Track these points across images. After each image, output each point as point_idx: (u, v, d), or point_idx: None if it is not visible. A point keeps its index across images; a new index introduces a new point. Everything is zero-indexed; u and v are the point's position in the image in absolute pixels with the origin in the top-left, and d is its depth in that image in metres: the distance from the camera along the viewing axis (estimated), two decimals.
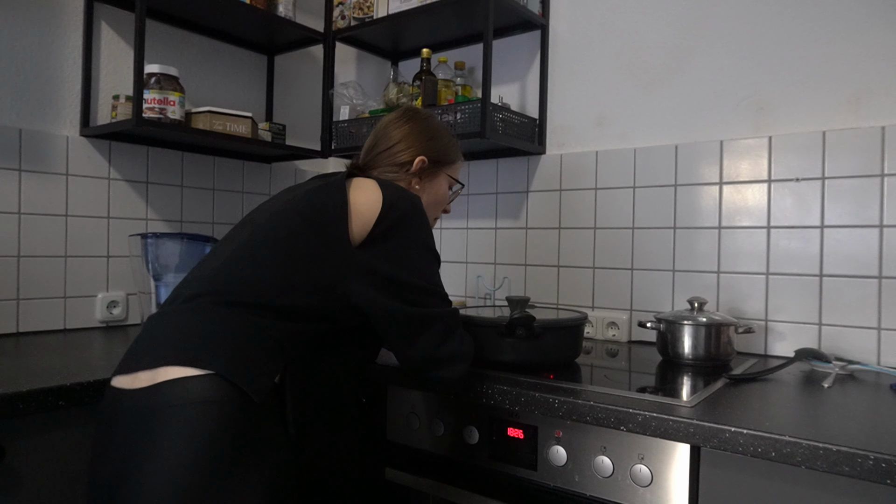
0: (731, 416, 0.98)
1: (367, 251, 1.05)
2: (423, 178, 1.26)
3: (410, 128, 1.25)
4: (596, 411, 1.06)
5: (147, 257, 1.52)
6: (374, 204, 1.06)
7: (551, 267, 1.95)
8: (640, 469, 1.04)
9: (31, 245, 1.66)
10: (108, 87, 1.82)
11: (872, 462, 0.82)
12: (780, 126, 1.58)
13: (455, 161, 1.32)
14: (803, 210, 1.54)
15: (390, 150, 1.24)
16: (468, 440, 1.25)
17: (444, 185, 1.31)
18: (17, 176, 1.63)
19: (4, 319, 1.61)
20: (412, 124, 1.26)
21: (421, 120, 1.28)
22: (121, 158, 1.84)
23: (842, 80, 1.51)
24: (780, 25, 1.59)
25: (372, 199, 1.07)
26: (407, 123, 1.26)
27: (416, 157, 1.23)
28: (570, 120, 1.93)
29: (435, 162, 1.26)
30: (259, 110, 2.23)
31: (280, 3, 1.98)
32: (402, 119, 1.27)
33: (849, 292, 1.48)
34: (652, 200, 1.76)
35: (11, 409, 1.01)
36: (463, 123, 1.78)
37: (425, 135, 1.26)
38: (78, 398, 1.09)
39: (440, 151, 1.27)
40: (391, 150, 1.24)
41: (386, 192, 1.09)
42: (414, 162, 1.23)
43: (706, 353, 1.41)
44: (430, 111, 1.30)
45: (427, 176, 1.26)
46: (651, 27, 1.79)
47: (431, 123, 1.29)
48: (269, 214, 1.09)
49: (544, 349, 1.33)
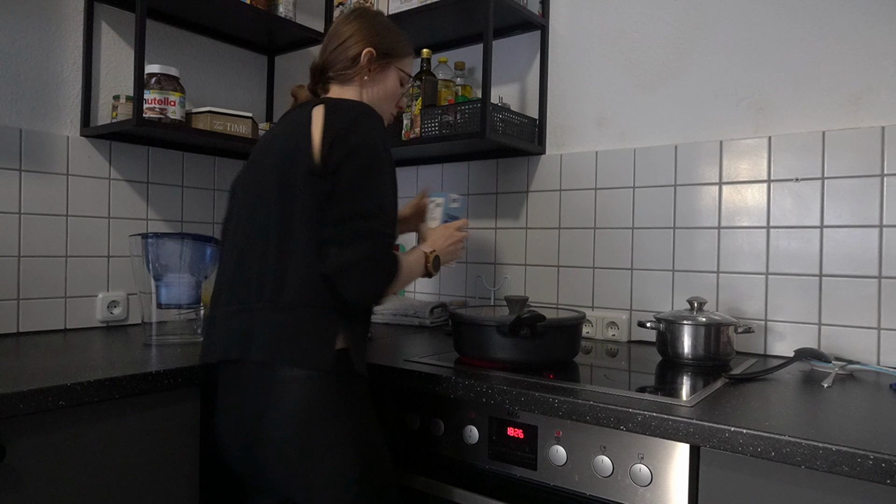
0: (731, 416, 0.98)
1: (325, 182, 1.09)
2: (372, 71, 1.28)
3: (360, 23, 1.29)
4: (596, 411, 1.06)
5: (147, 257, 1.52)
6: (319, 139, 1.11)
7: (551, 267, 1.95)
8: (639, 469, 1.04)
9: (32, 245, 1.66)
10: (108, 87, 1.82)
11: (872, 462, 0.82)
12: (779, 126, 1.59)
13: (404, 55, 1.34)
14: (803, 210, 1.54)
15: (341, 45, 1.27)
16: (468, 440, 1.25)
17: (394, 79, 1.33)
18: (17, 176, 1.63)
19: (5, 319, 1.61)
20: (361, 20, 1.30)
21: (370, 16, 1.31)
22: (121, 158, 1.84)
23: (842, 80, 1.51)
24: (780, 25, 1.59)
25: (318, 135, 1.11)
26: (357, 20, 1.30)
27: (364, 49, 1.26)
28: (570, 120, 1.93)
29: (384, 54, 1.28)
30: (259, 110, 2.23)
31: (280, 3, 1.98)
32: (351, 16, 1.31)
33: (848, 292, 1.48)
34: (652, 200, 1.76)
35: (11, 409, 1.01)
36: (463, 123, 1.78)
37: (373, 29, 1.29)
38: (78, 398, 1.09)
39: (388, 44, 1.30)
40: (342, 45, 1.27)
41: (329, 117, 1.12)
42: (362, 54, 1.26)
43: (706, 352, 1.41)
44: (379, 10, 1.35)
45: (376, 69, 1.29)
46: (651, 27, 1.79)
47: (380, 19, 1.33)
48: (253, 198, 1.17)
49: (543, 348, 1.33)
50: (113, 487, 1.16)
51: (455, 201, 1.50)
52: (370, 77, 1.28)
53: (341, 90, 1.29)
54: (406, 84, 1.37)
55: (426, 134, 1.86)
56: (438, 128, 1.84)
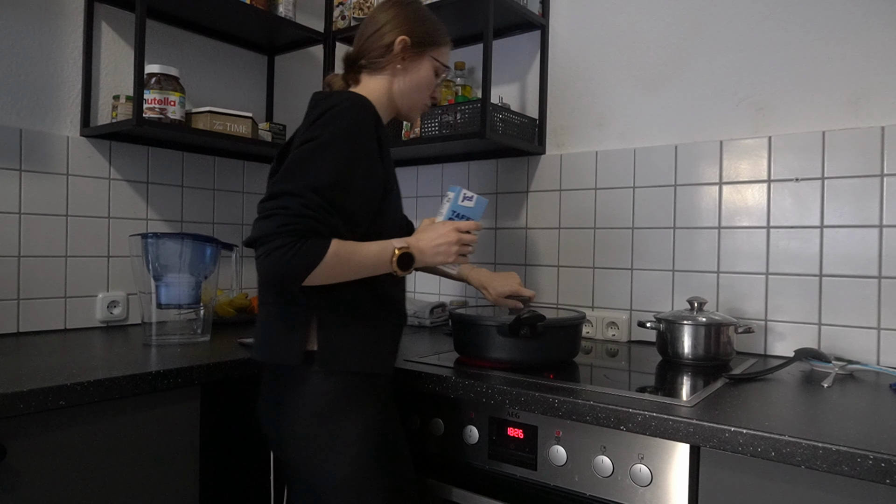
0: (731, 416, 0.98)
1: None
2: (405, 59, 1.26)
3: (397, 10, 1.27)
4: (596, 411, 1.06)
5: (147, 257, 1.52)
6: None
7: (551, 267, 1.95)
8: (639, 469, 1.04)
9: (32, 245, 1.66)
10: (108, 87, 1.82)
11: (872, 462, 0.82)
12: (779, 126, 1.59)
13: (440, 44, 1.31)
14: (803, 210, 1.54)
15: (376, 33, 1.25)
16: (468, 440, 1.25)
17: (429, 69, 1.29)
18: (17, 176, 1.63)
19: (5, 319, 1.61)
20: (398, 7, 1.27)
21: (407, 4, 1.29)
22: (121, 158, 1.84)
23: (842, 80, 1.51)
24: (780, 25, 1.59)
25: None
26: (393, 7, 1.27)
27: (399, 37, 1.24)
28: (570, 120, 1.93)
29: (418, 43, 1.25)
30: (259, 110, 2.23)
31: (280, 4, 1.98)
32: (388, 3, 1.29)
33: (848, 292, 1.48)
34: (652, 200, 1.76)
35: (11, 409, 1.01)
36: (463, 123, 1.78)
37: (410, 17, 1.26)
38: (78, 398, 1.09)
39: (424, 33, 1.27)
40: (377, 33, 1.25)
41: (313, 107, 1.13)
42: (395, 42, 1.23)
43: (706, 352, 1.41)
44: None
45: (410, 57, 1.26)
46: (651, 27, 1.79)
47: (417, 7, 1.30)
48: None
49: (543, 348, 1.33)
50: (113, 487, 1.16)
51: (468, 199, 1.30)
52: (403, 66, 1.25)
53: (371, 79, 1.25)
54: (442, 74, 1.33)
55: (426, 134, 1.87)
56: (438, 128, 1.84)
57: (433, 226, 1.23)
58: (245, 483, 1.40)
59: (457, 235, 1.20)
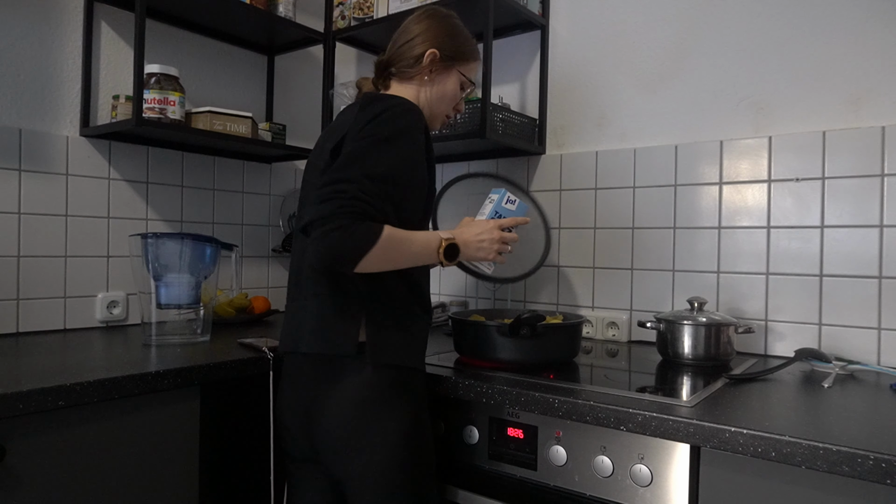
0: (731, 416, 0.98)
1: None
2: (434, 72, 1.28)
3: (429, 23, 1.29)
4: (596, 411, 1.06)
5: (147, 257, 1.52)
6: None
7: (551, 267, 1.95)
8: (639, 469, 1.04)
9: (31, 245, 1.66)
10: (108, 87, 1.82)
11: (872, 462, 0.82)
12: (780, 126, 1.58)
13: (469, 60, 1.33)
14: (803, 210, 1.54)
15: (408, 43, 1.28)
16: (468, 440, 1.25)
17: (454, 82, 1.31)
18: (17, 176, 1.63)
19: (4, 319, 1.61)
20: (431, 20, 1.30)
21: (441, 17, 1.31)
22: (121, 158, 1.84)
23: (842, 80, 1.51)
24: (779, 25, 1.59)
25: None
26: (427, 19, 1.30)
27: (428, 49, 1.26)
28: (570, 120, 1.93)
29: (447, 57, 1.28)
30: (259, 110, 2.23)
31: (280, 3, 1.98)
32: (422, 15, 1.31)
33: (849, 292, 1.47)
34: (652, 200, 1.76)
35: (11, 409, 1.01)
36: (463, 123, 1.78)
37: (442, 31, 1.29)
38: (77, 398, 1.09)
39: (454, 47, 1.29)
40: (409, 43, 1.28)
41: (366, 107, 1.15)
42: (425, 54, 1.26)
43: (706, 352, 1.41)
44: (451, 11, 1.34)
45: (438, 70, 1.29)
46: (651, 27, 1.79)
47: (451, 21, 1.32)
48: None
49: (543, 349, 1.33)
50: (113, 487, 1.16)
51: (511, 202, 1.37)
52: (430, 78, 1.28)
53: (400, 87, 1.29)
54: (467, 89, 1.36)
55: None
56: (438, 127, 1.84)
57: (476, 222, 1.28)
58: (245, 483, 1.40)
59: (499, 234, 1.26)
